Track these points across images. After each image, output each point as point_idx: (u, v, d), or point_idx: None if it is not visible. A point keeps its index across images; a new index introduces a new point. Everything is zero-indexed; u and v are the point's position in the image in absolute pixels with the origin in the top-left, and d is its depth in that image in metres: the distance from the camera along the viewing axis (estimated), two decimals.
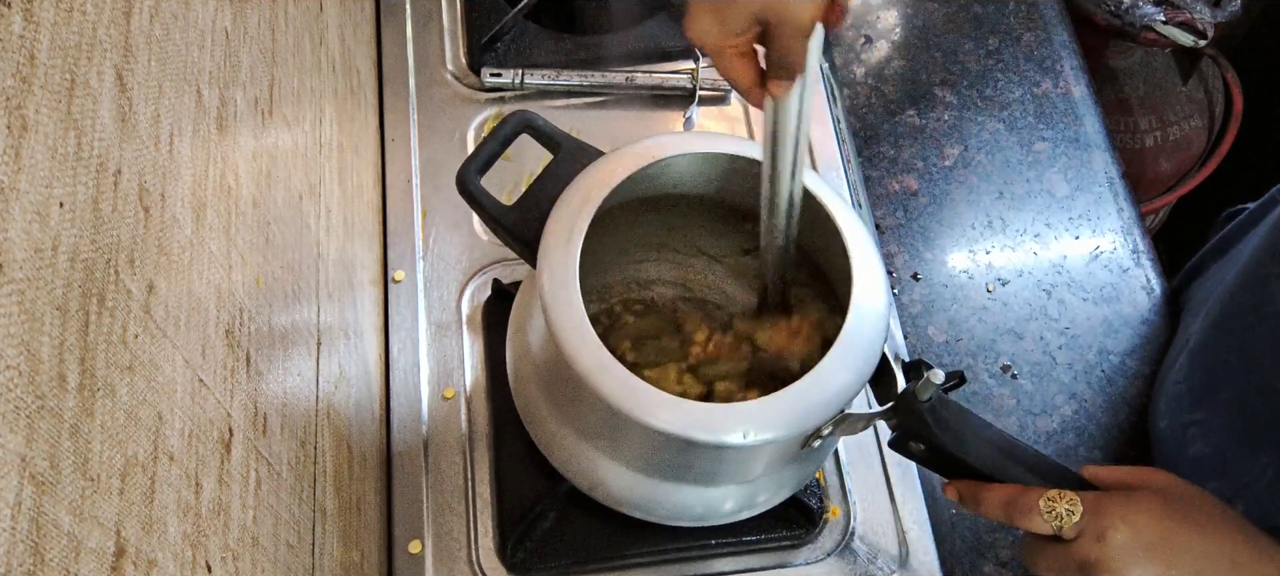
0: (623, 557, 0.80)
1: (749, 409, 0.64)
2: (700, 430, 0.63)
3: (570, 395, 0.71)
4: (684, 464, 0.71)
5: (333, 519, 0.68)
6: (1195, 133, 1.50)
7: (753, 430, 0.63)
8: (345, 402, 0.75)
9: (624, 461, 0.72)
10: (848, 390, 0.64)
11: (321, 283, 0.72)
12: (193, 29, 0.50)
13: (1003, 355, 0.93)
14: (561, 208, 0.68)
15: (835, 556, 0.81)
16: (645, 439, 0.67)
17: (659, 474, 0.72)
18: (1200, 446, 0.79)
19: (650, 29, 1.05)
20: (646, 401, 0.63)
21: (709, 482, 0.72)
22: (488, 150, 0.73)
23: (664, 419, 0.63)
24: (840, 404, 0.64)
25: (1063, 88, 1.07)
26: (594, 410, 0.68)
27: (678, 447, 0.66)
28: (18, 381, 0.32)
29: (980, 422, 0.65)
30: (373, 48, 1.04)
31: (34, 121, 0.34)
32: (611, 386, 0.63)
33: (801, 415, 0.64)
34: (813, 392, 0.64)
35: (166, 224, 0.44)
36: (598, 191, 0.69)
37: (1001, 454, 0.64)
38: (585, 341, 0.64)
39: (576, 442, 0.74)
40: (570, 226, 0.67)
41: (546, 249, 0.67)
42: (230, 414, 0.51)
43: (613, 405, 0.63)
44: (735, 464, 0.70)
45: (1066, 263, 0.98)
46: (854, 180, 0.99)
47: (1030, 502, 0.61)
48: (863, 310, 0.66)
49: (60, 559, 0.33)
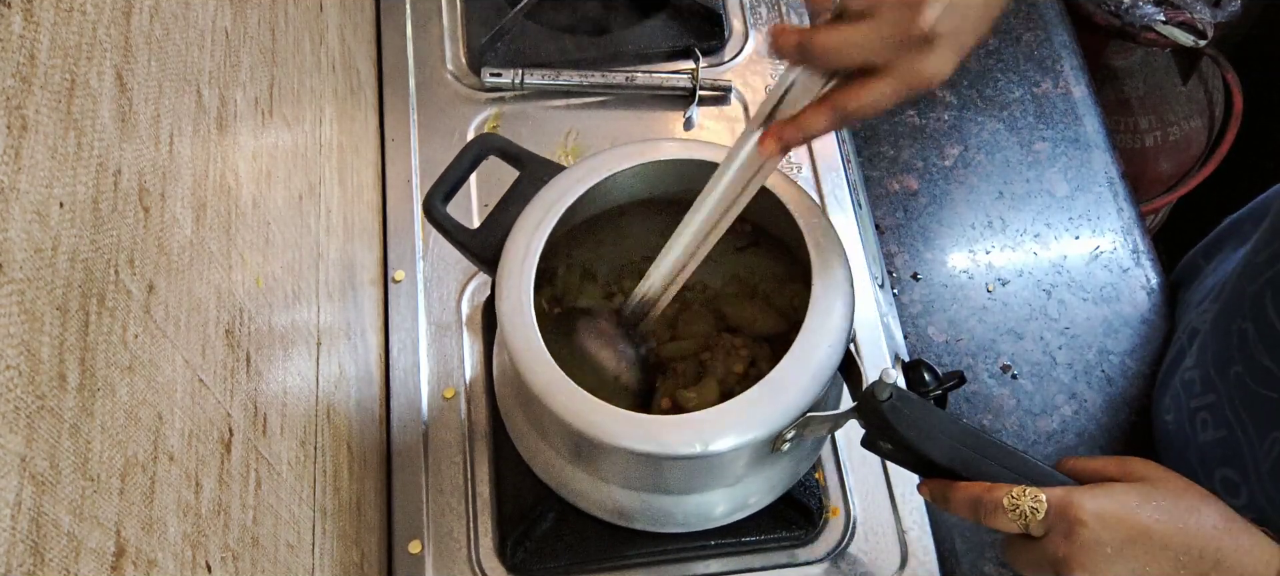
0: (622, 558, 0.80)
1: (702, 419, 0.64)
2: (654, 444, 0.64)
3: (537, 412, 0.72)
4: (655, 475, 0.71)
5: (333, 519, 0.68)
6: (1195, 133, 1.49)
7: (707, 441, 0.63)
8: (345, 402, 0.75)
9: (598, 475, 0.73)
10: (806, 393, 0.64)
11: (321, 283, 0.72)
12: (193, 29, 0.50)
13: (1003, 355, 0.93)
14: (517, 231, 0.70)
15: (835, 556, 0.81)
16: (613, 455, 0.68)
17: (634, 485, 0.73)
18: (1211, 431, 0.78)
19: (650, 29, 1.05)
20: (602, 421, 0.64)
21: (688, 490, 0.73)
22: (453, 176, 0.75)
23: (620, 436, 0.64)
24: (800, 408, 0.64)
25: (1063, 88, 1.07)
26: (558, 428, 0.69)
27: (646, 461, 0.67)
28: (18, 381, 0.32)
29: (947, 419, 0.64)
30: (373, 48, 1.04)
31: (34, 121, 0.34)
32: (566, 406, 0.64)
33: (758, 422, 0.64)
34: (769, 399, 0.64)
35: (166, 224, 0.44)
36: (554, 210, 0.71)
37: (970, 450, 0.63)
38: (539, 362, 0.65)
39: (554, 457, 0.75)
40: (525, 248, 0.69)
41: (502, 272, 0.69)
42: (230, 414, 0.51)
43: (568, 423, 0.64)
44: (708, 471, 0.70)
45: (1066, 263, 0.98)
46: (854, 180, 0.99)
47: (995, 499, 0.59)
48: (819, 316, 0.66)
49: (60, 559, 0.33)
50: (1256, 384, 0.72)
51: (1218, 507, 0.59)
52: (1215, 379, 0.77)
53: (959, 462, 0.63)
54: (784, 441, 0.67)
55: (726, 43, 1.05)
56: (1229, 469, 0.76)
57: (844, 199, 0.95)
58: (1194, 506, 0.58)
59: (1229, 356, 0.75)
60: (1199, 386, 0.80)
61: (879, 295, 0.91)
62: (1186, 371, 0.83)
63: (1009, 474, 0.62)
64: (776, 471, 0.74)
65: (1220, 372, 0.77)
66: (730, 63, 1.04)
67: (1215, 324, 0.79)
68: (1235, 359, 0.74)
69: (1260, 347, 0.71)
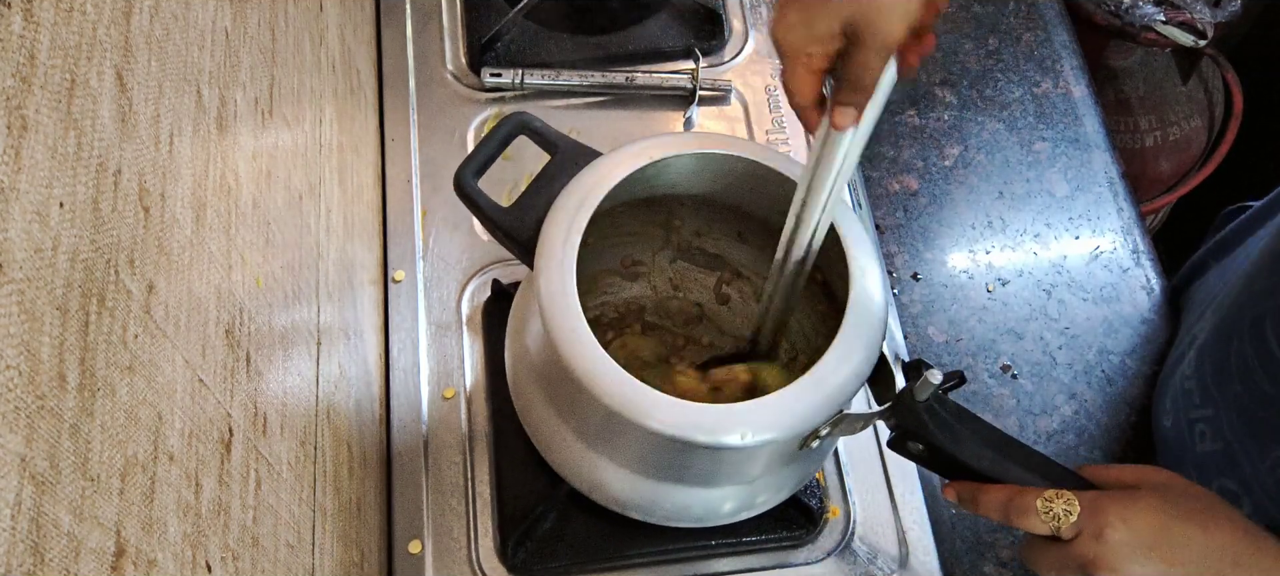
0: (623, 558, 0.80)
1: (746, 409, 0.64)
2: (698, 431, 0.63)
3: (568, 397, 0.71)
4: (682, 465, 0.71)
5: (333, 519, 0.68)
6: (1195, 133, 1.50)
7: (750, 431, 0.63)
8: (345, 402, 0.75)
9: (623, 463, 0.72)
10: (845, 390, 0.64)
11: (321, 282, 0.72)
12: (193, 29, 0.50)
13: (1003, 355, 0.93)
14: (558, 210, 0.68)
15: (835, 556, 0.81)
16: (643, 440, 0.67)
17: (658, 475, 0.72)
18: (1208, 443, 0.79)
19: (650, 29, 1.05)
20: (643, 403, 0.63)
21: (708, 484, 0.72)
22: (485, 152, 0.73)
23: (661, 420, 0.63)
24: (837, 404, 0.64)
25: (1063, 88, 1.07)
26: (592, 412, 0.68)
27: (676, 449, 0.66)
28: (18, 381, 0.32)
29: (978, 423, 0.65)
30: (373, 48, 1.04)
31: (34, 121, 0.34)
32: (609, 388, 0.63)
33: (799, 416, 0.64)
34: (810, 393, 0.64)
35: (166, 224, 0.45)
36: (595, 193, 0.68)
37: (999, 454, 0.64)
38: (583, 343, 0.64)
39: (575, 444, 0.74)
40: (567, 228, 0.67)
41: (544, 252, 0.67)
42: (230, 414, 0.51)
43: (610, 407, 0.63)
44: (733, 465, 0.70)
45: (1066, 263, 0.98)
46: (854, 180, 0.99)
47: (1027, 503, 0.61)
48: (861, 309, 0.66)
49: (60, 559, 0.33)
50: (1256, 406, 0.72)
51: (1234, 513, 0.60)
52: (1215, 394, 0.78)
53: (990, 467, 0.63)
54: (816, 437, 0.67)
55: (726, 43, 1.05)
56: (1228, 479, 0.76)
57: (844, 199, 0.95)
58: (1212, 511, 0.60)
59: (1228, 376, 0.75)
60: (1198, 398, 0.80)
61: None
62: (1186, 380, 0.83)
63: (1034, 477, 0.63)
64: (788, 473, 0.74)
65: (1220, 390, 0.77)
66: (730, 63, 1.04)
67: (1215, 337, 0.79)
68: (1234, 380, 0.74)
69: (1262, 374, 0.71)
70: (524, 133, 0.74)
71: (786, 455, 0.70)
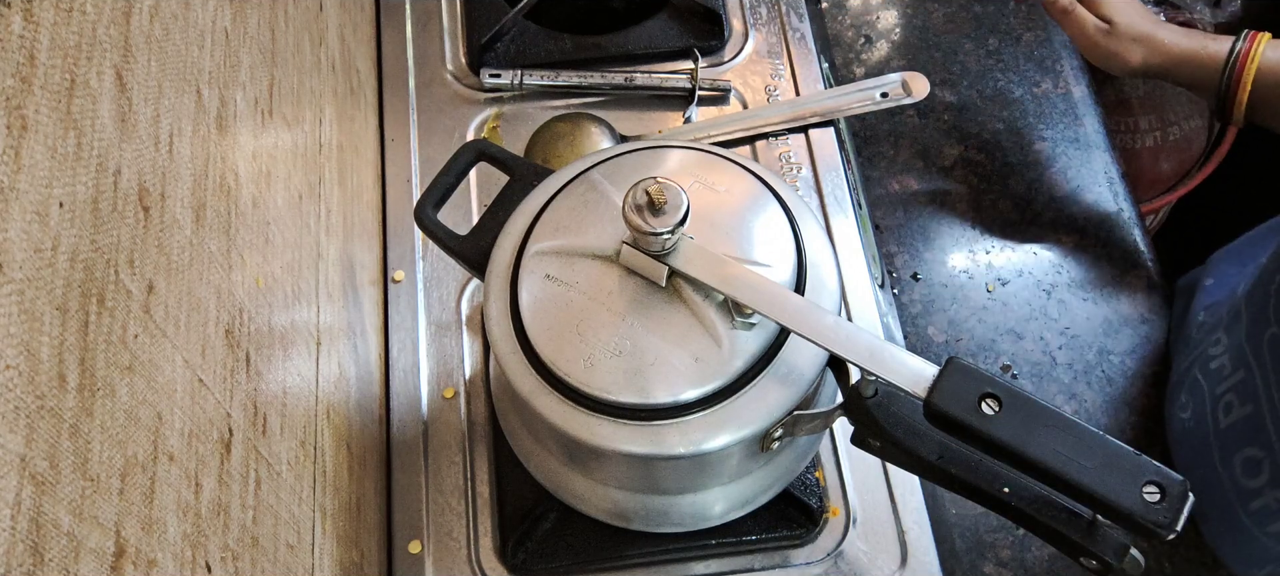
0: (623, 558, 0.80)
1: (691, 420, 0.64)
2: (642, 446, 0.64)
3: (529, 417, 0.72)
4: (649, 476, 0.71)
5: (332, 519, 0.68)
6: (1195, 133, 1.49)
7: (693, 443, 0.63)
8: (345, 402, 0.75)
9: (599, 478, 0.73)
10: (789, 395, 0.64)
11: (321, 283, 0.72)
12: (193, 29, 0.50)
13: (1003, 355, 0.93)
14: (504, 236, 0.71)
15: (835, 556, 0.81)
16: (603, 456, 0.68)
17: (630, 486, 0.73)
18: (1235, 412, 0.79)
19: (650, 29, 1.05)
20: (586, 422, 0.64)
21: (682, 491, 0.73)
22: (443, 183, 0.75)
23: (604, 436, 0.64)
24: (783, 409, 0.64)
25: (1063, 88, 1.07)
26: (549, 433, 0.69)
27: (636, 462, 0.67)
28: (18, 381, 0.32)
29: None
30: (373, 48, 1.04)
31: (34, 121, 0.34)
32: (551, 409, 0.65)
33: (745, 421, 0.64)
34: (754, 400, 0.64)
35: (166, 224, 0.45)
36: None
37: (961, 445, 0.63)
38: (524, 369, 0.66)
39: (549, 460, 0.75)
40: (510, 252, 0.69)
41: (489, 278, 0.69)
42: (230, 414, 0.51)
43: (557, 427, 0.64)
44: (699, 472, 0.70)
45: (1066, 263, 0.98)
46: (854, 180, 0.99)
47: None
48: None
49: (60, 559, 0.33)
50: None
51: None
52: (1248, 353, 0.77)
53: (950, 460, 0.63)
54: (773, 440, 0.67)
55: (726, 43, 1.05)
56: (1253, 447, 0.76)
57: (844, 199, 0.95)
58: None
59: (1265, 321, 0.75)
60: (1229, 367, 0.80)
61: (879, 295, 0.91)
62: (1214, 360, 0.83)
63: (1003, 470, 0.62)
64: (771, 470, 0.74)
65: (1253, 345, 0.77)
66: (730, 63, 1.04)
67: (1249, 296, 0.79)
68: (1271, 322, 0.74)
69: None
70: (483, 160, 0.76)
71: (752, 455, 0.70)
